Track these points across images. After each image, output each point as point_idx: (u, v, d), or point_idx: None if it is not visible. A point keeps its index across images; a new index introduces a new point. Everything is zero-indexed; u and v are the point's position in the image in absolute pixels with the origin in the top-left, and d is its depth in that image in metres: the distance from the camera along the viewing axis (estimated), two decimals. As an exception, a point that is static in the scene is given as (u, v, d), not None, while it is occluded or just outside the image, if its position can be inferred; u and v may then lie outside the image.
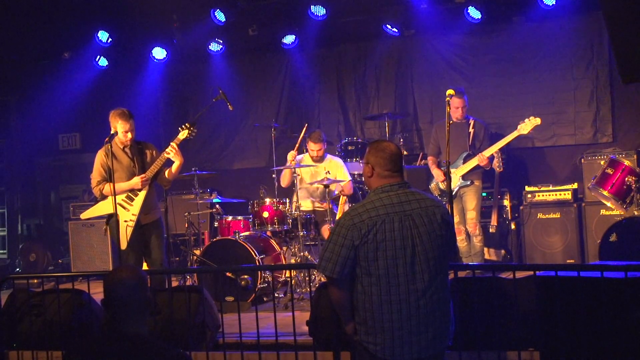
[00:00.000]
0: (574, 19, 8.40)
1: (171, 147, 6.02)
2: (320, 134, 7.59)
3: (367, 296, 3.24)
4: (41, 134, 10.37)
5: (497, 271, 4.65)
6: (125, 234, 5.94)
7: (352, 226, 3.23)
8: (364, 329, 3.28)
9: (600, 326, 3.97)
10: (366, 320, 3.26)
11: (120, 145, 6.10)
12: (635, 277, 3.97)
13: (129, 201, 6.05)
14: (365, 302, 3.25)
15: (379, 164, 3.35)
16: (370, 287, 3.23)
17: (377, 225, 3.21)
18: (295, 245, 7.17)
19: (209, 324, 5.17)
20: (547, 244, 7.71)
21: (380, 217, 3.23)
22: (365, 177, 3.43)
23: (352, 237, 3.22)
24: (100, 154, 6.11)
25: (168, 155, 6.02)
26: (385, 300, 3.21)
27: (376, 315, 3.22)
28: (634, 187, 6.62)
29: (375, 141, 3.50)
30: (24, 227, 10.65)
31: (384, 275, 3.21)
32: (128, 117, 6.01)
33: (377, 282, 3.22)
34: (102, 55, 9.55)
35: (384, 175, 3.35)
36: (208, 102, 6.99)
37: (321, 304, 4.91)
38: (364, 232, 3.21)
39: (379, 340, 3.23)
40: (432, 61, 9.07)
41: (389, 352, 3.22)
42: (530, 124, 7.11)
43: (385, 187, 3.32)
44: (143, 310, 2.88)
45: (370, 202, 3.29)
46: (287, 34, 9.13)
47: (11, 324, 5.35)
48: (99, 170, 6.08)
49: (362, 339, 3.29)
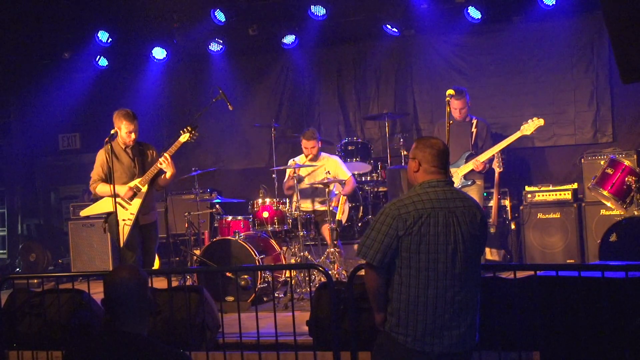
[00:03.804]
0: (574, 19, 8.40)
1: (164, 158, 6.03)
2: (313, 132, 7.58)
3: (405, 287, 3.25)
4: (41, 134, 10.37)
5: (497, 271, 4.65)
6: (122, 232, 5.96)
7: (398, 216, 3.23)
8: (396, 320, 3.28)
9: (600, 326, 3.97)
10: (400, 310, 3.26)
11: (122, 146, 6.11)
12: (635, 277, 3.97)
13: (128, 200, 6.06)
14: (401, 293, 3.26)
15: (426, 159, 3.38)
16: (409, 279, 3.24)
17: (422, 218, 3.23)
18: (295, 245, 7.17)
19: (209, 324, 5.17)
20: (547, 244, 7.71)
21: (426, 210, 3.25)
22: (411, 172, 3.44)
23: (396, 227, 3.22)
24: (102, 153, 6.12)
25: (161, 166, 6.04)
26: (422, 294, 3.23)
27: (411, 307, 3.23)
28: (634, 187, 6.62)
29: (423, 137, 3.55)
30: (24, 227, 10.65)
31: (424, 268, 3.23)
32: (132, 118, 6.04)
33: (416, 274, 3.23)
34: (102, 55, 9.55)
35: (431, 171, 3.38)
36: (208, 102, 6.99)
37: (321, 304, 4.91)
38: (410, 224, 3.22)
39: (411, 332, 3.24)
40: (432, 61, 9.07)
41: (419, 345, 3.23)
42: (534, 124, 7.10)
43: (432, 182, 3.35)
44: (143, 310, 2.88)
45: (416, 195, 3.30)
46: (287, 34, 9.12)
47: (11, 324, 5.36)
48: (98, 170, 6.11)
49: (392, 329, 3.30)
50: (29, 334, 5.23)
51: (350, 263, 7.37)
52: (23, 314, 5.37)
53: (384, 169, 8.47)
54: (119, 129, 6.04)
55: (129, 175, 6.09)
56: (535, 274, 4.33)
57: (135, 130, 6.05)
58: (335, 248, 6.90)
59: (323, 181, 7.11)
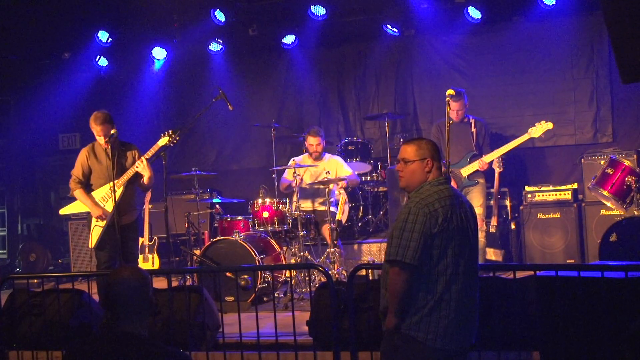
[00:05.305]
0: (574, 19, 8.40)
1: (139, 162, 6.01)
2: (318, 129, 7.64)
3: (433, 285, 3.26)
4: (41, 134, 10.36)
5: (497, 271, 4.65)
6: (92, 234, 6.01)
7: (429, 214, 3.25)
8: (417, 319, 3.27)
9: (600, 326, 3.97)
10: (424, 309, 3.26)
11: (103, 146, 6.07)
12: (635, 277, 3.97)
13: (103, 202, 6.07)
14: (428, 292, 3.26)
15: (435, 157, 3.43)
16: (437, 276, 3.26)
17: (449, 215, 3.28)
18: (295, 245, 7.17)
19: (209, 324, 5.17)
20: (547, 244, 7.71)
21: (448, 207, 3.30)
22: (422, 172, 3.42)
23: (430, 225, 3.24)
24: (83, 153, 6.16)
25: (137, 169, 6.01)
26: (447, 290, 3.26)
27: (436, 305, 3.25)
28: (634, 187, 6.62)
29: (420, 138, 3.59)
30: (24, 227, 10.65)
31: (451, 264, 3.27)
32: (102, 121, 5.95)
33: (444, 271, 3.26)
34: (102, 55, 9.55)
35: (439, 167, 3.45)
36: (208, 102, 6.98)
37: (321, 304, 4.91)
38: (441, 221, 3.25)
39: (432, 329, 3.26)
40: (432, 61, 9.07)
41: (440, 342, 3.26)
42: (542, 128, 7.07)
43: (441, 180, 3.42)
44: (144, 310, 2.88)
45: (435, 193, 3.33)
46: (287, 34, 9.12)
47: (11, 324, 5.36)
48: (79, 168, 6.15)
49: (410, 328, 3.29)
50: (29, 334, 5.23)
51: (350, 263, 7.37)
52: (23, 314, 5.37)
53: (384, 169, 8.47)
54: (93, 131, 6.01)
55: (106, 177, 6.06)
56: (535, 274, 4.33)
57: (105, 133, 5.94)
58: (335, 248, 6.90)
59: (323, 181, 7.12)
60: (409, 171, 3.45)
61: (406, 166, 3.45)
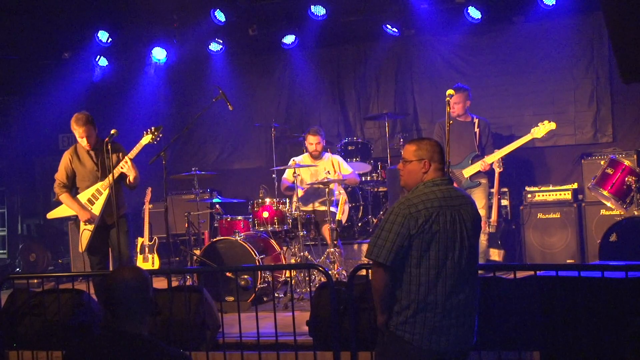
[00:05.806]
0: (574, 18, 8.40)
1: (124, 162, 5.97)
2: (318, 128, 7.66)
3: (415, 286, 3.27)
4: (41, 134, 10.35)
5: (497, 271, 4.65)
6: (82, 238, 6.03)
7: (409, 215, 3.25)
8: (403, 319, 3.29)
9: (600, 326, 3.97)
10: (408, 309, 3.27)
11: (86, 148, 6.04)
12: (635, 277, 3.97)
13: (90, 205, 6.05)
14: (411, 292, 3.27)
15: (434, 158, 3.42)
16: (419, 278, 3.26)
17: (432, 217, 3.26)
18: (295, 245, 7.17)
19: (209, 324, 5.17)
20: (547, 244, 7.71)
21: (435, 208, 3.27)
22: (418, 173, 3.43)
23: (408, 226, 3.24)
24: (66, 156, 6.10)
25: (122, 170, 5.99)
26: (432, 292, 3.25)
27: (420, 306, 3.25)
28: (634, 187, 6.62)
29: (422, 138, 3.58)
30: (24, 227, 10.65)
31: (434, 266, 3.25)
32: (83, 122, 5.91)
33: (426, 272, 3.26)
34: (102, 55, 9.54)
35: (439, 168, 3.43)
36: (208, 102, 6.98)
37: (321, 304, 4.91)
38: (421, 223, 3.24)
39: (418, 330, 3.26)
40: (432, 61, 9.07)
41: (426, 342, 3.26)
42: (545, 128, 7.02)
43: (437, 181, 3.39)
44: (144, 310, 2.88)
45: (423, 194, 3.32)
46: (287, 34, 9.12)
47: (11, 324, 5.36)
48: (62, 172, 6.12)
49: (397, 328, 3.30)
50: (29, 334, 5.23)
51: (350, 263, 7.37)
52: (23, 314, 5.37)
53: (384, 169, 8.47)
54: (74, 133, 5.97)
55: (91, 179, 6.05)
56: (535, 274, 4.33)
57: (87, 134, 5.91)
58: (335, 248, 6.90)
59: (323, 181, 7.12)
60: (407, 171, 3.48)
61: (405, 166, 3.48)
